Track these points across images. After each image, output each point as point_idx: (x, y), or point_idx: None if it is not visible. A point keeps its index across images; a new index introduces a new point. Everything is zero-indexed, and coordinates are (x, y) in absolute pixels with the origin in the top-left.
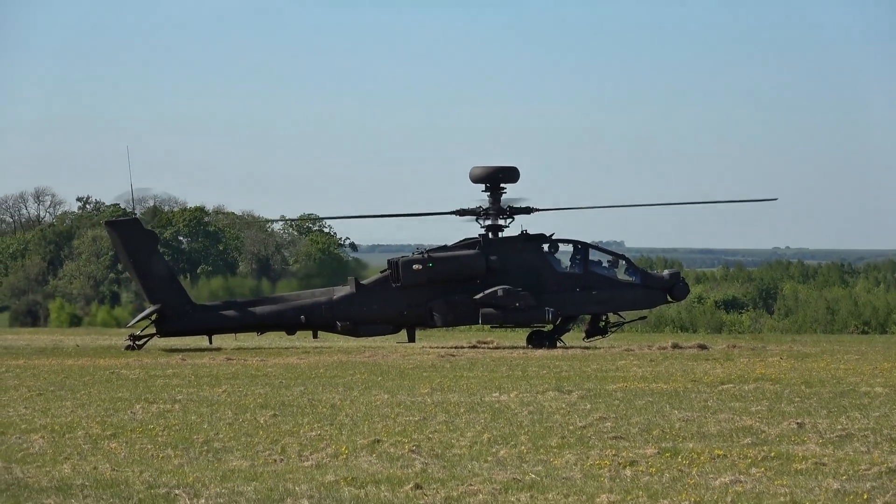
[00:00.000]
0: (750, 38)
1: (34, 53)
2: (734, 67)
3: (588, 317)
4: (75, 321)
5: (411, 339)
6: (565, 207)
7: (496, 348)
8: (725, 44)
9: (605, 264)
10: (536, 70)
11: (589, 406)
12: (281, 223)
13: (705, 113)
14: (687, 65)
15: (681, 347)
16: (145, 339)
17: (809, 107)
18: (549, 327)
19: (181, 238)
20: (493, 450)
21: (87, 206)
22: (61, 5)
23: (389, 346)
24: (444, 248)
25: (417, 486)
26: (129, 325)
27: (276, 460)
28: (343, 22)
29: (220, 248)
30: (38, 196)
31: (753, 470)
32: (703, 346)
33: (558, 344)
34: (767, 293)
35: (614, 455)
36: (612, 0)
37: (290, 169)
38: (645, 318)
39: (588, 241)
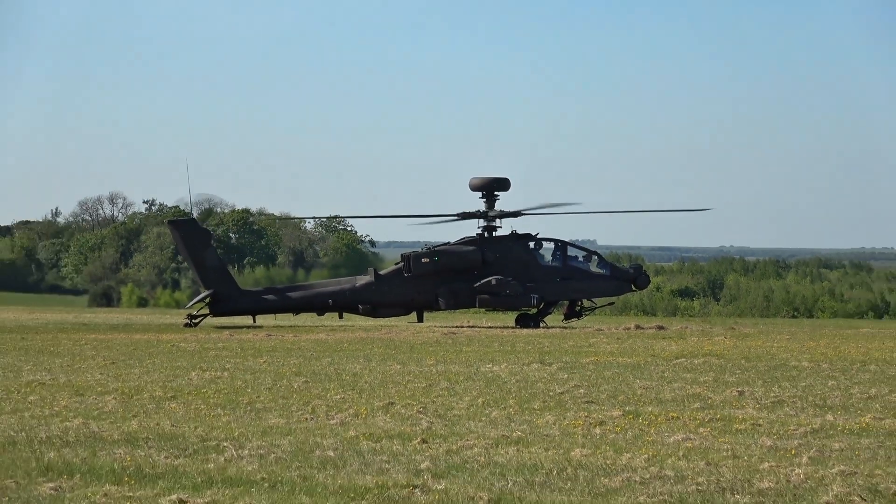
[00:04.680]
0: (701, 49)
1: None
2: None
3: (566, 302)
4: (143, 303)
5: (420, 319)
6: (550, 213)
7: (472, 327)
8: (676, 56)
9: (581, 259)
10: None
11: (566, 376)
12: (312, 222)
13: (673, 125)
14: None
15: (642, 328)
16: (200, 319)
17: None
18: (534, 311)
19: (230, 234)
20: (487, 411)
21: (153, 207)
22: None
23: (402, 326)
24: (448, 244)
25: (424, 441)
26: (187, 306)
27: (307, 419)
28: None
29: (263, 243)
30: (112, 199)
31: (701, 429)
32: (661, 327)
33: (541, 324)
34: (714, 283)
35: (586, 416)
36: (585, 5)
37: (322, 176)
38: (613, 303)
39: (566, 240)
